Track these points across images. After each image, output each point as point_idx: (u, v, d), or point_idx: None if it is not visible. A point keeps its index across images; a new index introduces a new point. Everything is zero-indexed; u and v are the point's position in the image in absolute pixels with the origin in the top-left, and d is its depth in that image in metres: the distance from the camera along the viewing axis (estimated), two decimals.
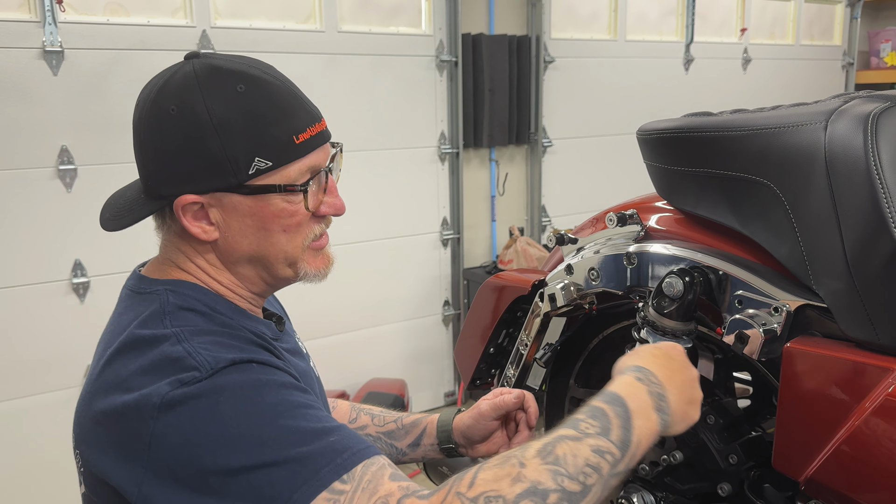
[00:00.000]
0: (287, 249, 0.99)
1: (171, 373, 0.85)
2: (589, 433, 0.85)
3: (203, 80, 0.93)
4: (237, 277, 1.00)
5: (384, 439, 1.32)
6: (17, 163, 2.59)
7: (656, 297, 1.16)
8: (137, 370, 0.87)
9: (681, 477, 1.27)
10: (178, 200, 0.94)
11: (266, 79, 0.95)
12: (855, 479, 0.95)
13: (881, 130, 0.97)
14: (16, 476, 2.72)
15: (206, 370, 0.85)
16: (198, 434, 0.82)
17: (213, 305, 0.96)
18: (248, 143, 0.92)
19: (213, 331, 0.92)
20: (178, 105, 0.92)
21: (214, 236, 0.96)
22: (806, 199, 1.02)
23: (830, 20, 5.13)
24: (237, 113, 0.92)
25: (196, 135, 0.91)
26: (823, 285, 1.01)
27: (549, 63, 3.80)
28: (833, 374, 0.97)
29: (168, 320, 0.91)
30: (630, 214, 1.31)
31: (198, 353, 0.87)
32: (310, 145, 0.96)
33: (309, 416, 0.86)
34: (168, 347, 0.88)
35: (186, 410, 0.83)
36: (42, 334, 2.72)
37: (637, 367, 0.97)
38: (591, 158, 4.08)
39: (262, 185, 0.94)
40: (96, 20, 2.68)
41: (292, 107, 0.96)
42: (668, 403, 0.94)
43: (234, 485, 0.81)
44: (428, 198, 3.58)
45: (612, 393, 0.92)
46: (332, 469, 0.81)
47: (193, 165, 0.92)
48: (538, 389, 1.53)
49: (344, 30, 3.21)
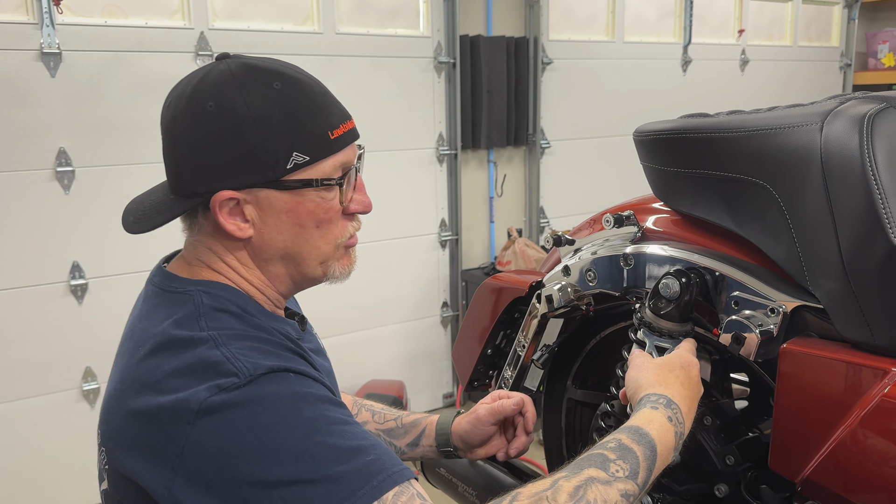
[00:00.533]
0: (321, 246, 1.00)
1: (209, 378, 0.84)
2: (618, 476, 0.88)
3: (240, 77, 0.94)
4: (267, 276, 1.00)
5: (383, 437, 1.33)
6: (15, 164, 2.59)
7: (653, 298, 1.17)
8: (173, 372, 0.86)
9: (678, 478, 1.27)
10: (216, 196, 0.93)
11: (300, 77, 0.98)
12: (851, 479, 0.95)
13: (877, 131, 0.97)
14: (16, 477, 2.72)
15: (244, 376, 0.84)
16: (235, 443, 0.82)
17: (245, 307, 0.96)
18: (286, 138, 0.93)
19: (248, 335, 0.91)
20: (215, 101, 0.92)
21: (249, 233, 0.96)
22: (802, 200, 1.02)
23: (828, 21, 5.14)
24: (275, 108, 0.93)
25: (235, 130, 0.91)
26: (819, 286, 1.01)
27: (547, 64, 3.80)
28: (829, 375, 0.97)
29: (204, 322, 0.91)
30: (627, 216, 1.32)
31: (236, 358, 0.86)
32: (343, 141, 0.99)
33: (346, 433, 0.86)
34: (205, 351, 0.87)
35: (225, 418, 0.82)
36: (40, 336, 2.71)
37: (669, 400, 0.99)
38: (589, 160, 4.08)
39: (300, 180, 0.95)
40: (94, 22, 2.68)
41: (326, 103, 0.99)
42: (682, 441, 0.98)
43: (267, 499, 0.80)
44: (426, 199, 3.58)
45: (646, 435, 0.93)
46: (368, 491, 0.81)
47: (232, 160, 0.92)
48: (536, 391, 1.53)
49: (342, 31, 3.22)
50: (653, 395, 1.00)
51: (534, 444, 3.62)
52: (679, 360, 1.07)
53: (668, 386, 1.01)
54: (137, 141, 2.75)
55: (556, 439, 1.63)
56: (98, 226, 2.73)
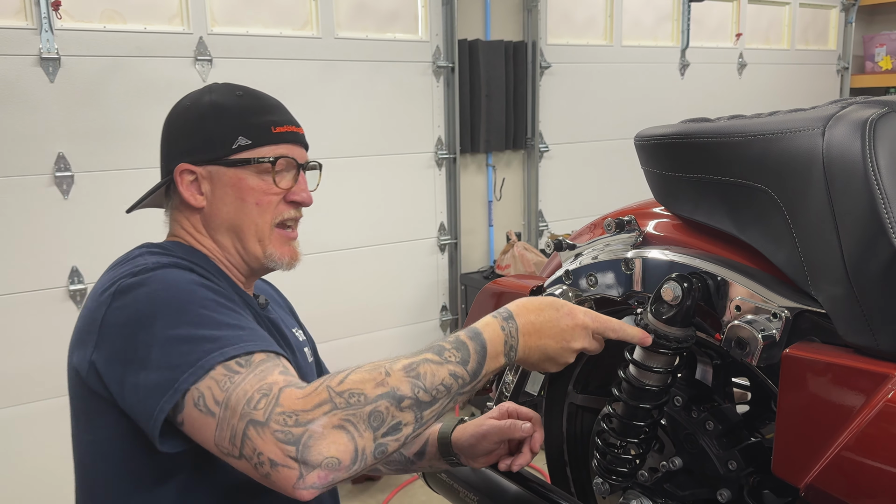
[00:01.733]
0: (258, 222, 1.17)
1: (125, 272, 1.04)
2: (450, 360, 0.98)
3: (214, 87, 1.22)
4: (217, 245, 1.19)
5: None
6: (14, 170, 2.59)
7: (654, 302, 1.16)
8: (105, 280, 1.08)
9: (680, 483, 1.27)
10: (178, 168, 1.17)
11: (261, 93, 1.22)
12: (854, 485, 0.95)
13: (879, 136, 0.97)
14: (13, 483, 2.71)
15: (152, 266, 1.04)
16: (135, 313, 0.99)
17: (192, 257, 1.14)
18: (235, 125, 1.16)
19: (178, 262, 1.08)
20: (191, 102, 1.20)
21: (202, 203, 1.17)
22: (804, 204, 1.02)
23: (825, 25, 5.15)
24: (233, 105, 1.18)
25: (198, 118, 1.17)
26: (822, 291, 1.01)
27: (545, 68, 3.81)
28: (832, 380, 0.97)
29: (145, 249, 1.13)
30: (628, 220, 1.31)
31: (153, 260, 1.06)
32: (284, 137, 1.19)
33: (229, 314, 1.01)
34: (130, 262, 1.08)
35: (130, 295, 1.01)
36: (39, 341, 2.71)
37: (509, 314, 1.06)
38: (588, 163, 4.08)
39: (240, 159, 1.16)
40: (93, 27, 2.68)
41: (276, 110, 1.21)
42: (515, 354, 1.05)
43: (151, 354, 0.95)
44: (425, 203, 3.58)
45: (480, 335, 1.02)
46: (235, 350, 0.94)
47: (193, 141, 1.17)
48: (537, 395, 1.53)
49: (341, 36, 3.22)
50: (503, 308, 1.08)
51: None
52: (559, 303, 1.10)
53: (521, 308, 1.07)
54: (136, 146, 2.75)
55: (558, 444, 1.62)
56: (97, 231, 2.73)
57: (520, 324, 1.05)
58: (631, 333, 1.13)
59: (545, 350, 1.07)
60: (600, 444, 1.29)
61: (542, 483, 1.41)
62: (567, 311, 1.08)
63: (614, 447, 1.26)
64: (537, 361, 1.08)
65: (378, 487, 3.12)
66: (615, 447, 1.25)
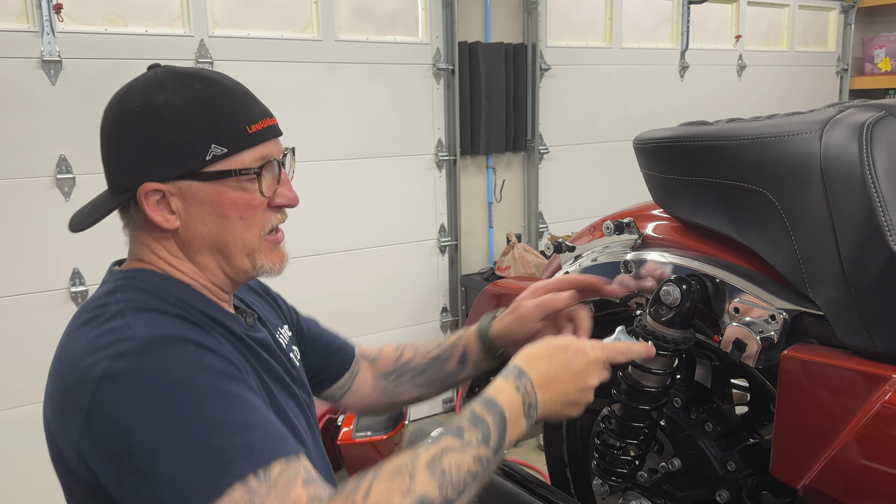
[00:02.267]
0: (245, 237, 1.03)
1: (110, 346, 0.90)
2: (471, 443, 0.93)
3: (163, 80, 1.01)
4: (198, 267, 1.05)
5: (432, 367, 1.34)
6: (16, 172, 2.59)
7: (654, 304, 1.17)
8: (86, 343, 0.92)
9: (679, 484, 1.28)
10: (142, 188, 0.99)
11: (222, 80, 1.04)
12: (852, 486, 0.96)
13: (876, 139, 0.98)
14: (13, 484, 2.72)
15: (140, 342, 0.89)
16: (130, 410, 0.86)
17: (170, 289, 1.01)
18: (204, 131, 0.98)
19: (160, 308, 0.96)
20: (139, 102, 0.99)
21: (175, 224, 1.01)
22: (802, 207, 1.03)
23: (824, 27, 5.16)
24: (194, 105, 0.99)
25: (157, 125, 0.98)
26: (820, 293, 1.02)
27: (545, 70, 3.82)
28: (830, 381, 0.98)
29: (119, 295, 0.98)
30: (627, 222, 1.32)
31: (138, 325, 0.92)
32: (262, 136, 1.03)
33: (238, 408, 0.90)
34: (112, 322, 0.93)
35: (123, 385, 0.87)
36: (41, 343, 2.71)
37: (519, 371, 1.02)
38: (588, 165, 4.09)
39: (218, 171, 1.00)
40: (94, 30, 2.68)
41: (245, 101, 1.04)
42: (536, 412, 1.01)
43: (156, 465, 0.84)
44: (425, 205, 3.59)
45: (495, 403, 0.98)
46: (251, 462, 0.85)
47: (155, 154, 0.98)
48: None
49: (341, 38, 3.23)
50: (512, 365, 1.03)
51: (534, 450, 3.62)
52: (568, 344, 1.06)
53: (530, 360, 1.03)
54: None
55: (557, 445, 1.63)
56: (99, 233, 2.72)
57: (533, 377, 1.01)
58: (637, 351, 1.12)
59: (565, 396, 1.03)
60: (600, 445, 1.30)
61: (541, 484, 1.42)
62: (576, 350, 1.05)
63: (614, 448, 1.26)
64: (560, 410, 1.04)
65: None
66: (614, 448, 1.26)
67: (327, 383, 1.35)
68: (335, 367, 1.35)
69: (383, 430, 3.07)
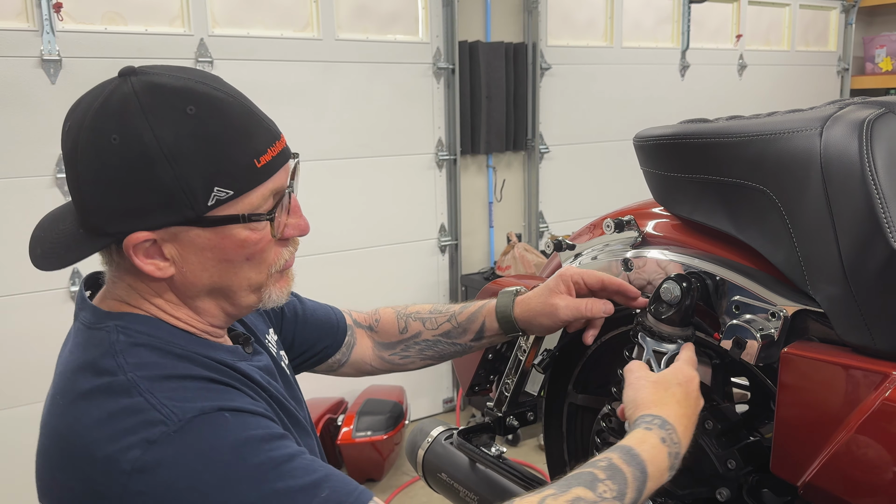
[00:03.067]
0: (252, 277, 0.91)
1: (134, 429, 0.78)
2: (605, 497, 0.87)
3: (146, 102, 0.81)
4: (196, 312, 0.92)
5: (444, 341, 1.31)
6: (16, 171, 2.59)
7: (654, 302, 1.17)
8: (94, 425, 0.79)
9: (679, 482, 1.27)
10: (128, 240, 0.83)
11: (218, 95, 0.85)
12: (852, 483, 0.95)
13: (876, 136, 0.98)
14: (13, 485, 2.72)
15: (173, 423, 0.78)
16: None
17: (169, 338, 0.88)
18: (204, 172, 0.82)
19: (173, 373, 0.84)
20: (119, 133, 0.81)
21: (170, 272, 0.87)
22: (802, 204, 1.02)
23: (825, 26, 5.16)
24: (190, 138, 0.81)
25: (144, 166, 0.80)
26: (820, 291, 1.02)
27: (545, 70, 3.82)
28: (830, 379, 0.97)
29: (122, 359, 0.83)
30: (627, 220, 1.32)
31: (161, 403, 0.79)
32: (272, 168, 0.87)
33: (296, 471, 0.81)
34: (125, 399, 0.80)
35: (161, 478, 0.76)
36: (41, 342, 2.71)
37: (663, 421, 0.97)
38: (588, 165, 4.09)
39: (224, 217, 0.85)
40: (94, 29, 2.68)
41: (250, 125, 0.86)
42: (679, 460, 0.97)
43: None
44: (426, 204, 3.59)
45: (637, 456, 0.92)
46: None
47: (143, 200, 0.82)
48: (537, 395, 1.53)
49: (341, 37, 3.22)
50: (647, 415, 0.99)
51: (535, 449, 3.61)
52: (676, 377, 1.05)
53: (663, 405, 1.00)
54: None
55: (558, 444, 1.63)
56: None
57: (677, 426, 0.98)
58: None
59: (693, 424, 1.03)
60: (600, 443, 1.29)
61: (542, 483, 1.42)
62: (685, 377, 1.05)
63: None
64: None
65: (380, 488, 3.12)
66: None
67: (322, 359, 1.29)
68: (329, 346, 1.29)
69: (383, 431, 3.07)
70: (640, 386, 1.04)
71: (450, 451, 1.53)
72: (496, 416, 1.54)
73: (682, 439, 0.98)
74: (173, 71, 0.86)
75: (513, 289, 1.30)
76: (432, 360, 1.35)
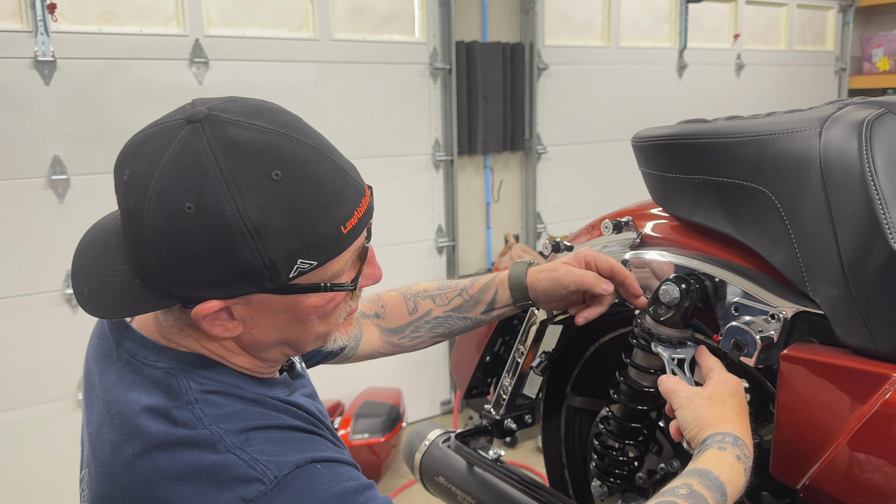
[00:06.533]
0: (320, 330, 0.88)
1: (228, 488, 0.75)
2: None
3: (227, 168, 0.73)
4: (260, 360, 0.90)
5: (454, 316, 1.28)
6: (9, 173, 2.58)
7: (653, 304, 1.16)
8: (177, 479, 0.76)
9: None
10: (199, 309, 0.79)
11: (303, 153, 0.77)
12: (852, 486, 0.95)
13: (875, 136, 0.97)
14: (11, 487, 2.70)
15: (270, 481, 0.76)
16: None
17: (235, 381, 0.86)
18: (290, 245, 0.76)
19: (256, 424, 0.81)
20: (196, 203, 0.73)
21: (238, 332, 0.83)
22: (801, 205, 1.02)
23: (823, 26, 5.16)
24: (276, 209, 0.74)
25: (225, 242, 0.74)
26: (820, 292, 1.01)
27: (542, 70, 3.81)
28: (830, 381, 0.97)
29: (199, 411, 0.80)
30: (626, 221, 1.31)
31: (255, 460, 0.77)
32: (357, 230, 0.82)
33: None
34: (211, 455, 0.77)
35: None
36: (35, 345, 2.70)
37: (735, 438, 0.96)
38: (586, 165, 4.08)
39: (305, 285, 0.81)
40: (88, 30, 2.67)
41: (338, 187, 0.79)
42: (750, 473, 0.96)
43: None
44: (423, 205, 3.58)
45: (716, 479, 0.91)
46: None
47: (220, 273, 0.76)
48: (535, 397, 1.52)
49: (337, 38, 3.21)
50: (717, 434, 0.96)
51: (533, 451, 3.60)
52: (726, 388, 1.03)
53: (727, 421, 0.98)
54: None
55: (556, 446, 1.62)
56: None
57: (746, 440, 0.97)
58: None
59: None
60: (598, 446, 1.29)
61: (540, 486, 1.41)
62: (733, 386, 1.04)
63: (612, 449, 1.25)
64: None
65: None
66: (613, 449, 1.25)
67: (329, 358, 1.28)
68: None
69: (381, 433, 3.06)
70: (696, 405, 1.01)
71: (447, 454, 1.53)
72: (494, 418, 1.53)
73: (751, 452, 0.97)
74: (250, 116, 0.78)
75: (527, 259, 1.29)
76: (441, 338, 1.32)
